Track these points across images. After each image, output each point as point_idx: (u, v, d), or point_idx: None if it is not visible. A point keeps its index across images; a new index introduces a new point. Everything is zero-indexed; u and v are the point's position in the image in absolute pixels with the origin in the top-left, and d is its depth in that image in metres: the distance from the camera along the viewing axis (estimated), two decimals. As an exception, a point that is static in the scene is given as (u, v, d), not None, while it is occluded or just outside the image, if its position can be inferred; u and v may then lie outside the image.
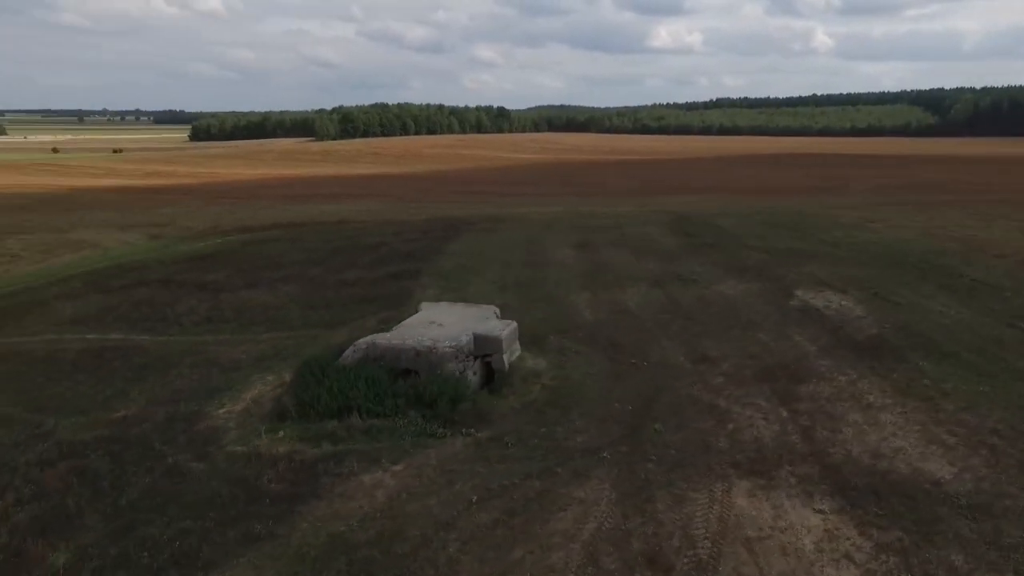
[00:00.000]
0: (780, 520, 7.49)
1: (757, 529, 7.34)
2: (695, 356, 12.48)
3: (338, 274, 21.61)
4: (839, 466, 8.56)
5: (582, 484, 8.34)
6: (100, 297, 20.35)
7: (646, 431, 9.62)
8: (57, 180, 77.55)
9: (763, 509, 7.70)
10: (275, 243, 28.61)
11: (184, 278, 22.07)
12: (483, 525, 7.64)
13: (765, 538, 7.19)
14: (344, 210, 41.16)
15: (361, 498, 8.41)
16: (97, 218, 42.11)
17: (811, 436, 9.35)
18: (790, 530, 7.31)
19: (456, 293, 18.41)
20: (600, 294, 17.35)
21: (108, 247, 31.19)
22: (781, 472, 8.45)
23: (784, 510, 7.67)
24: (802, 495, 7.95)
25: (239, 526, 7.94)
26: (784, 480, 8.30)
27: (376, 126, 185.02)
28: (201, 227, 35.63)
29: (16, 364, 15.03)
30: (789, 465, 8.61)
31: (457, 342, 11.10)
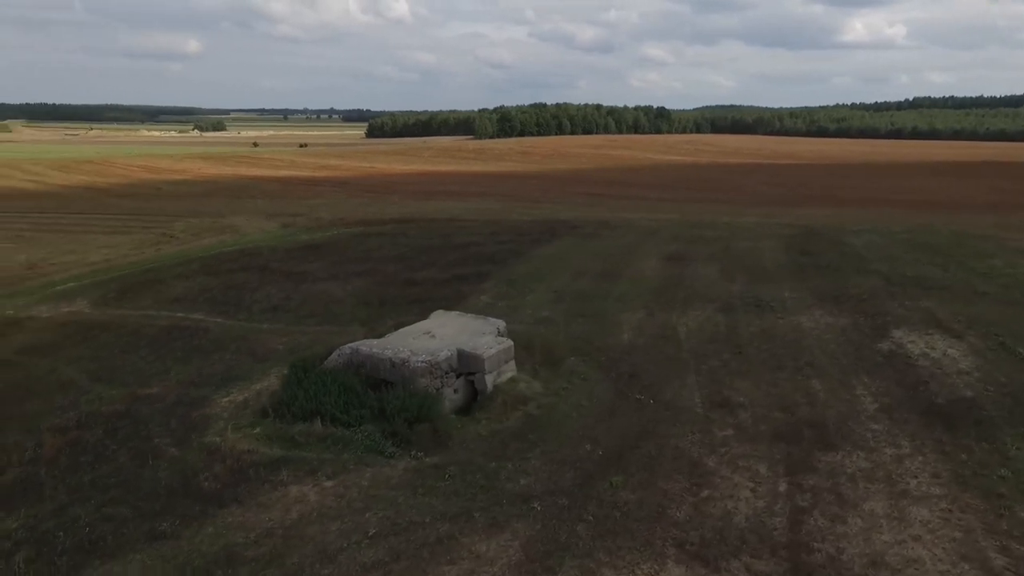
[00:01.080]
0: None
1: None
2: (714, 400, 10.72)
3: (411, 272, 21.91)
4: (814, 570, 6.74)
5: (491, 536, 7.39)
6: (206, 279, 22.51)
7: (601, 484, 8.35)
8: (247, 170, 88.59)
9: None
10: (377, 237, 29.86)
11: (279, 266, 23.72)
12: (362, 564, 7.03)
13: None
14: (459, 208, 42.06)
15: (276, 511, 8.19)
16: (253, 206, 47.17)
17: (800, 523, 7.50)
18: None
19: (511, 301, 17.83)
20: (656, 315, 15.73)
21: (245, 233, 34.66)
22: (733, 564, 6.84)
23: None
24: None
25: (154, 520, 8.08)
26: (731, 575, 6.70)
27: (533, 125, 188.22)
28: (329, 219, 38.33)
29: (108, 335, 17.01)
30: (749, 556, 6.94)
31: (434, 357, 10.51)
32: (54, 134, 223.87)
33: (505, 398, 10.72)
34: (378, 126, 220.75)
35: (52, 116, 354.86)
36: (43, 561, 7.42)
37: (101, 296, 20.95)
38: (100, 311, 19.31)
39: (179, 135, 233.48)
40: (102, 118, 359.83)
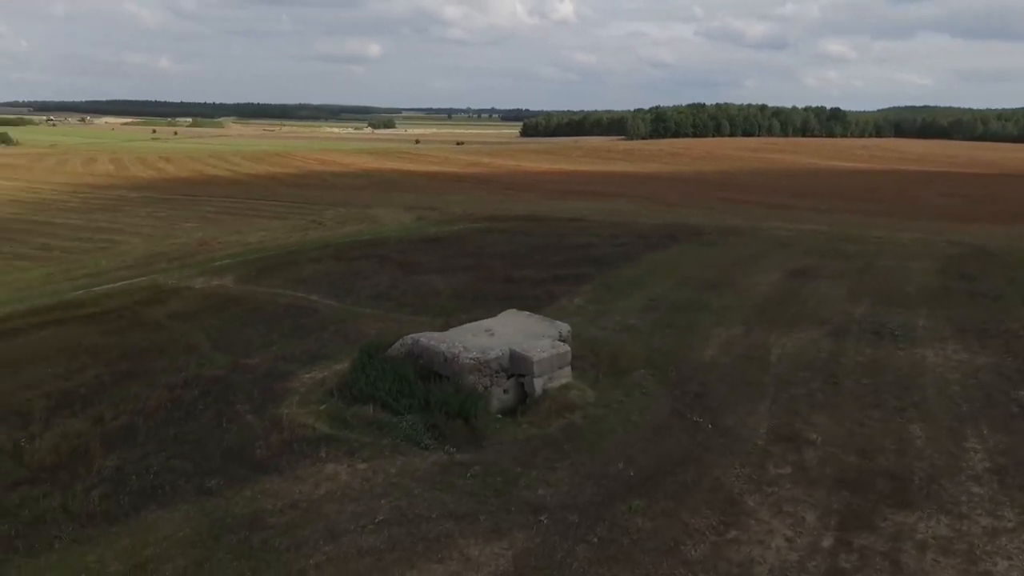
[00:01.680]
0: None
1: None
2: (782, 433, 9.63)
3: (515, 269, 22.11)
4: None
5: (488, 542, 7.28)
6: (332, 264, 24.45)
7: (620, 506, 7.87)
8: (403, 165, 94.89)
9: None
10: (497, 234, 30.49)
11: (397, 256, 25.10)
12: (359, 548, 7.26)
13: None
14: (588, 208, 41.65)
15: (307, 484, 8.71)
16: (398, 199, 50.36)
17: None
18: None
19: (602, 305, 17.39)
20: (753, 333, 14.47)
21: (383, 223, 37.15)
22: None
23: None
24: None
25: (207, 477, 8.95)
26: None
27: (688, 127, 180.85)
28: (460, 213, 39.86)
29: (238, 308, 19.08)
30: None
31: (483, 355, 10.54)
32: (255, 130, 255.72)
33: (553, 404, 10.46)
34: (532, 125, 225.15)
35: (257, 114, 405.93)
36: (112, 498, 8.52)
37: (244, 273, 23.54)
38: (239, 286, 21.72)
39: (354, 132, 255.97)
40: (295, 116, 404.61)
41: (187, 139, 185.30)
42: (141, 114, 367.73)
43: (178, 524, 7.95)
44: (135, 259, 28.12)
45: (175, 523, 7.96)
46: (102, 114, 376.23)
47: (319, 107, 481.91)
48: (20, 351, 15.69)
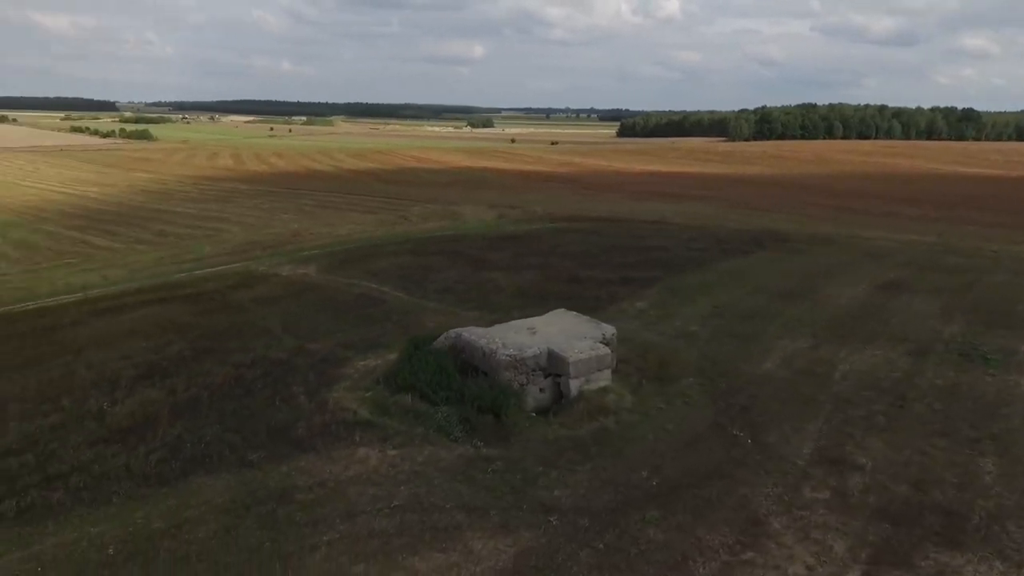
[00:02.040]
0: None
1: None
2: (828, 455, 9.00)
3: (582, 270, 21.92)
4: None
5: (493, 537, 7.33)
6: (408, 258, 25.28)
7: (634, 515, 7.68)
8: (494, 164, 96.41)
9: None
10: (572, 234, 30.34)
11: (470, 253, 25.57)
12: (370, 530, 7.54)
13: None
14: (673, 211, 40.52)
15: (338, 466, 9.12)
16: (484, 197, 51.23)
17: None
18: None
19: (664, 310, 16.92)
20: (821, 347, 13.57)
21: (465, 220, 37.93)
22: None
23: None
24: None
25: (250, 451, 9.58)
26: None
27: (796, 128, 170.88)
28: (540, 213, 39.98)
29: (315, 295, 20.14)
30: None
31: (520, 353, 10.57)
32: (362, 128, 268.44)
33: (588, 406, 10.33)
34: (629, 126, 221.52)
35: (365, 113, 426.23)
36: (167, 463, 9.32)
37: (327, 263, 24.83)
38: (320, 275, 22.94)
39: (454, 131, 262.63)
40: (399, 115, 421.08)
41: (300, 136, 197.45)
42: (262, 113, 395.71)
43: (218, 491, 8.57)
44: (234, 246, 30.38)
45: (216, 490, 8.60)
46: (229, 113, 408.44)
47: (422, 107, 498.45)
48: (123, 325, 17.41)
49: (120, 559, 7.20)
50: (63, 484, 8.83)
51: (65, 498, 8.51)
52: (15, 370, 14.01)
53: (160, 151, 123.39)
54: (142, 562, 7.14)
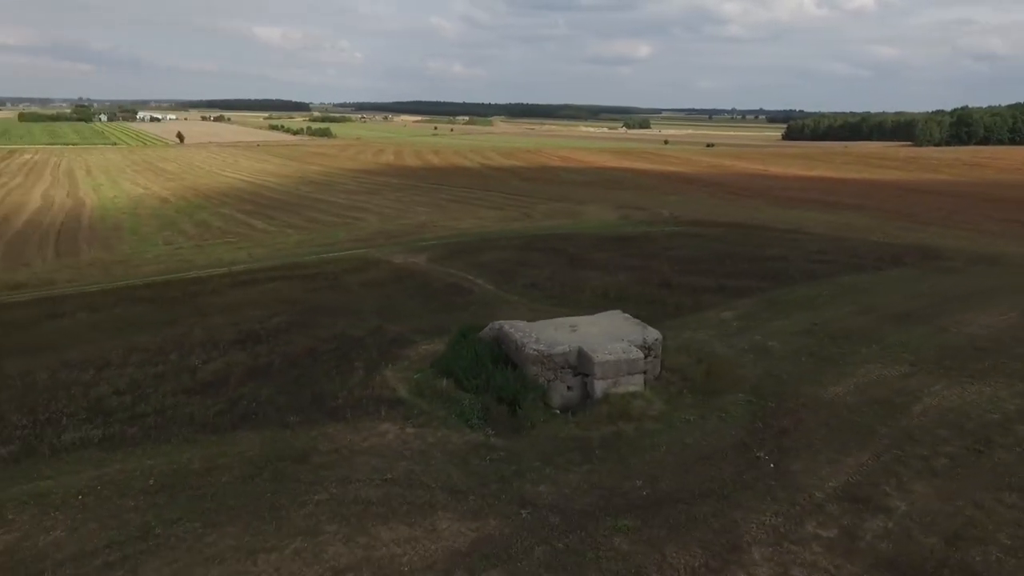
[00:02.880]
0: None
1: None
2: (855, 493, 8.02)
3: (680, 275, 21.06)
4: None
5: (461, 521, 7.54)
6: (511, 253, 25.89)
7: (606, 522, 7.47)
8: (638, 165, 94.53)
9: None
10: (688, 238, 29.10)
11: (574, 252, 25.56)
12: (356, 497, 8.08)
13: None
14: (815, 219, 37.15)
15: (359, 436, 9.82)
16: (616, 197, 50.59)
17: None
18: None
19: (751, 322, 15.88)
20: (915, 378, 11.96)
21: (586, 220, 37.82)
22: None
23: None
24: None
25: (291, 414, 10.60)
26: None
27: (1004, 131, 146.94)
28: (667, 215, 38.69)
29: (413, 281, 21.44)
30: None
31: (548, 349, 10.59)
32: (519, 128, 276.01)
33: (611, 409, 10.10)
34: (797, 128, 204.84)
35: (524, 113, 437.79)
36: (223, 415, 10.63)
37: (437, 254, 26.21)
38: (426, 264, 24.31)
39: (608, 131, 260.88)
40: (557, 115, 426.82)
41: (459, 135, 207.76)
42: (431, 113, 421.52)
43: (252, 445, 9.63)
44: (367, 234, 33.05)
45: (251, 444, 9.67)
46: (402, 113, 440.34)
47: (580, 107, 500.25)
48: (247, 296, 19.80)
49: (155, 488, 8.41)
50: (141, 423, 10.43)
51: (138, 434, 10.06)
52: (153, 327, 16.56)
53: (335, 147, 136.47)
54: (170, 494, 8.28)
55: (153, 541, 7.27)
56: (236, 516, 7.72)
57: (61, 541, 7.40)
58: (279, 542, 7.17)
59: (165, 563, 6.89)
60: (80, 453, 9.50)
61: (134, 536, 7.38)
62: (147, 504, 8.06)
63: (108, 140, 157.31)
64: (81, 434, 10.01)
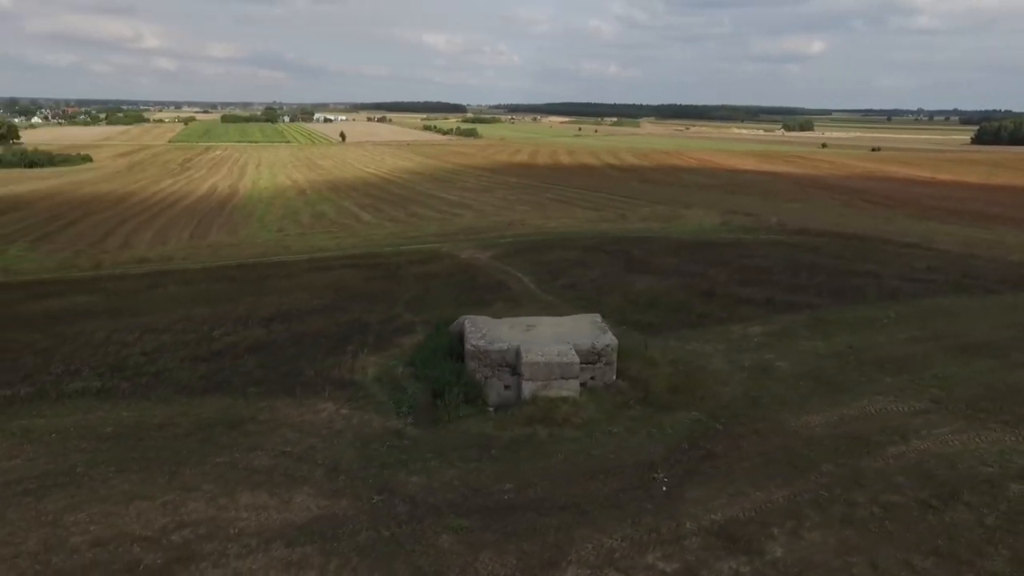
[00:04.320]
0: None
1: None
2: (733, 532, 7.17)
3: (732, 286, 19.58)
4: None
5: (318, 497, 7.90)
6: (574, 253, 25.48)
7: (445, 520, 7.40)
8: (777, 167, 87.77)
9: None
10: (777, 247, 26.80)
11: (638, 255, 24.61)
12: (247, 464, 8.73)
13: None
14: (950, 234, 32.33)
15: (300, 411, 10.53)
16: (729, 202, 47.53)
17: None
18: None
19: (783, 340, 14.70)
20: (923, 416, 10.34)
21: (683, 223, 36.06)
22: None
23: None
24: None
25: (257, 387, 11.54)
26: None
27: None
28: (774, 222, 35.70)
29: (464, 276, 21.90)
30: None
31: (488, 346, 10.54)
32: (666, 129, 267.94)
33: (536, 412, 9.86)
34: (991, 130, 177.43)
35: (675, 114, 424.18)
36: (205, 380, 11.86)
37: (503, 251, 26.55)
38: (487, 260, 24.70)
39: (763, 133, 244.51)
40: (710, 116, 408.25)
41: (601, 136, 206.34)
42: (580, 114, 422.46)
43: (209, 409, 10.68)
44: (454, 230, 34.20)
45: (209, 408, 10.73)
46: (552, 114, 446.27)
47: (738, 108, 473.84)
48: (308, 281, 21.48)
49: (109, 436, 9.68)
50: (137, 381, 11.94)
51: (129, 390, 11.54)
52: (215, 301, 18.61)
53: (476, 147, 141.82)
54: (115, 441, 9.50)
55: (70, 478, 8.40)
56: (146, 467, 8.67)
57: (15, 467, 8.81)
58: (158, 493, 7.96)
59: (64, 496, 7.96)
60: (78, 401, 11.11)
61: (60, 472, 8.57)
62: (92, 448, 9.30)
63: (285, 139, 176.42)
64: (86, 384, 11.70)
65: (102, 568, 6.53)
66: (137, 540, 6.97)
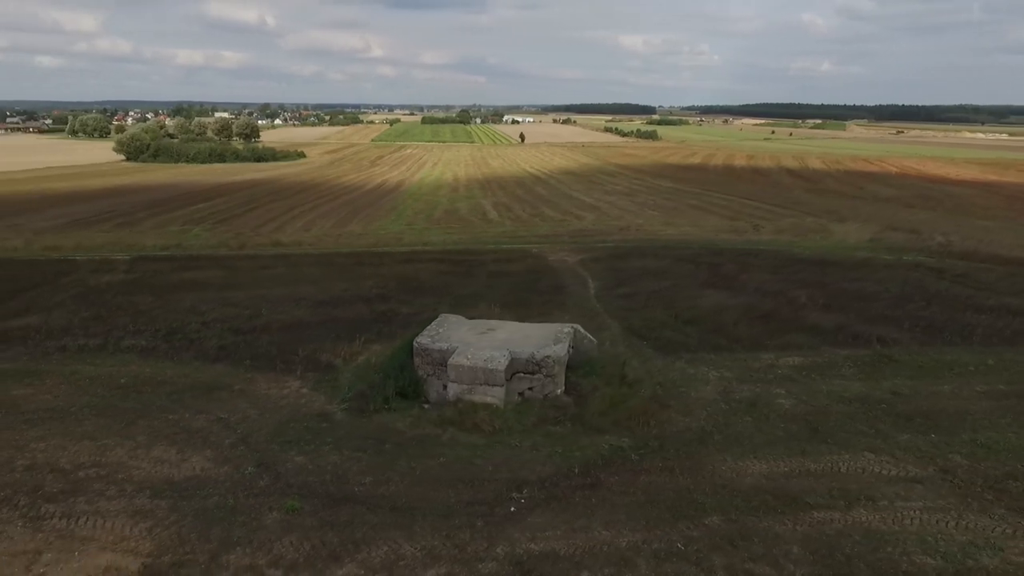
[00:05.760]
0: None
1: None
2: (515, 562, 6.71)
3: (804, 310, 17.52)
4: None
5: (204, 458, 8.81)
6: (665, 263, 24.21)
7: (287, 500, 7.87)
8: (1013, 178, 73.66)
9: None
10: (904, 270, 23.08)
11: (731, 270, 22.70)
12: (176, 422, 9.95)
13: None
14: None
15: (270, 387, 11.67)
16: (903, 217, 41.15)
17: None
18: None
19: (806, 372, 12.96)
20: (889, 485, 8.59)
21: (822, 238, 32.14)
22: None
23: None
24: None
25: (248, 361, 12.91)
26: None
27: None
28: (936, 242, 30.35)
29: (528, 276, 22.02)
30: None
31: (430, 344, 10.75)
32: (877, 133, 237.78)
33: (452, 413, 9.95)
34: None
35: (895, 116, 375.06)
36: (212, 350, 13.52)
37: (594, 256, 26.07)
38: (571, 264, 24.49)
39: (1007, 138, 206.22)
40: (939, 118, 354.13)
41: (796, 140, 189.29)
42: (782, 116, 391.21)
43: (204, 374, 12.26)
44: (563, 231, 34.10)
45: (204, 373, 12.32)
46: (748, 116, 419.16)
47: (980, 108, 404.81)
48: (387, 271, 22.99)
49: (120, 386, 11.62)
50: (175, 345, 13.95)
51: (167, 351, 13.63)
52: (295, 283, 20.86)
53: (649, 149, 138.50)
54: (118, 390, 11.40)
55: (63, 415, 10.30)
56: (118, 415, 10.29)
57: (43, 400, 10.97)
58: (104, 437, 9.46)
59: (46, 428, 9.82)
60: (123, 355, 13.36)
61: (62, 408, 10.53)
62: (101, 394, 11.23)
63: (471, 139, 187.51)
64: (136, 343, 14.01)
65: (16, 487, 8.00)
66: (55, 471, 8.41)
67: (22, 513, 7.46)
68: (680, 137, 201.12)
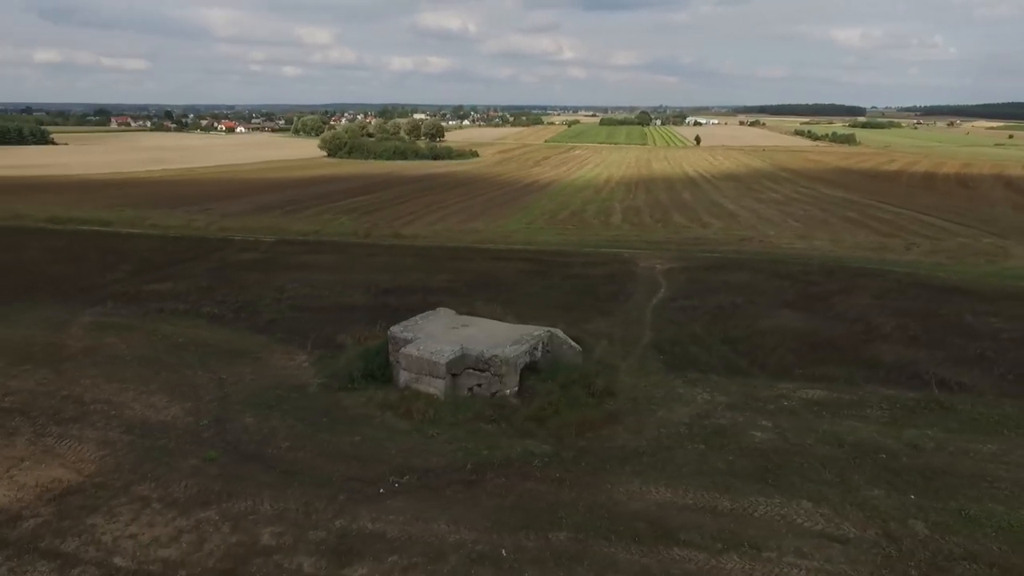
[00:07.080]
0: None
1: None
2: (324, 553, 7.15)
3: (875, 342, 15.47)
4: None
5: (180, 408, 10.42)
6: (759, 279, 22.39)
7: (201, 452, 9.13)
8: None
9: None
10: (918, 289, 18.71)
11: (817, 291, 20.50)
12: (183, 376, 11.76)
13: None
14: None
15: (274, 354, 13.30)
16: None
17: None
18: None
19: (824, 409, 11.62)
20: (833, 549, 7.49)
21: (998, 265, 26.95)
22: None
23: None
24: None
25: (272, 332, 14.63)
26: None
27: None
28: None
29: (595, 281, 21.71)
30: None
31: (398, 332, 11.50)
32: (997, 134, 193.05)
33: (397, 399, 10.62)
34: None
35: None
36: (257, 327, 15.49)
37: (684, 265, 24.90)
38: (654, 271, 23.70)
39: None
40: None
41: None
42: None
43: (251, 344, 14.18)
44: (679, 238, 32.58)
45: (252, 343, 14.26)
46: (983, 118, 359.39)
47: None
48: (469, 267, 23.94)
49: (176, 344, 13.88)
50: (242, 315, 16.22)
51: (231, 319, 15.91)
52: (384, 272, 22.67)
53: (837, 155, 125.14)
54: (174, 348, 13.62)
55: (116, 362, 12.73)
56: (152, 365, 12.52)
57: (117, 350, 13.57)
58: (128, 382, 11.60)
59: (98, 370, 12.16)
60: (195, 319, 15.91)
61: (121, 356, 13.01)
62: (158, 349, 13.62)
63: (644, 141, 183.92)
64: (211, 310, 16.58)
65: (45, 409, 10.24)
66: (77, 402, 10.63)
67: (34, 429, 9.56)
68: (884, 141, 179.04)
